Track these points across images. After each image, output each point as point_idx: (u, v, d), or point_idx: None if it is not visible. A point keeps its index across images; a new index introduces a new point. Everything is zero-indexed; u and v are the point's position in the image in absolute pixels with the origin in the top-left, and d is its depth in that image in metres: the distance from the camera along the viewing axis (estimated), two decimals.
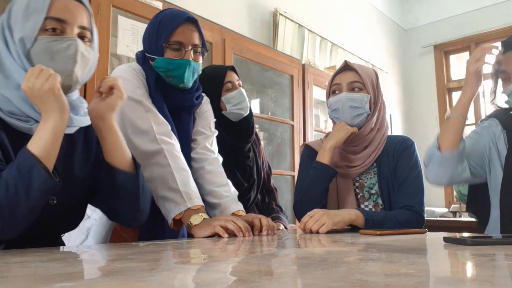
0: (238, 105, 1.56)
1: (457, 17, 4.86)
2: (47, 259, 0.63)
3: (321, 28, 3.87)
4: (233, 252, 0.76)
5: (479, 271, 0.51)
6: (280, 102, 3.16)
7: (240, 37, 2.75)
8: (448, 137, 1.30)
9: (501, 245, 0.78)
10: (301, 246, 0.91)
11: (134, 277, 0.46)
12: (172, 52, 1.23)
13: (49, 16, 0.86)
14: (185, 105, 1.31)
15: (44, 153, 0.78)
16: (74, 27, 0.88)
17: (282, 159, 3.11)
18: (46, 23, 0.85)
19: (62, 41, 0.86)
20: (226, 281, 0.43)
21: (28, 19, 0.85)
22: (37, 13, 0.85)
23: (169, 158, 1.14)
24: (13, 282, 0.44)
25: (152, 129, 1.16)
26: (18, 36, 0.85)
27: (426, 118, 4.99)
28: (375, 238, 1.01)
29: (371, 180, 1.46)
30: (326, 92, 1.55)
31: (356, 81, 1.44)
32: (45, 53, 0.85)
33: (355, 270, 0.49)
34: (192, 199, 1.13)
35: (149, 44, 1.26)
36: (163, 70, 1.25)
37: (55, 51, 0.85)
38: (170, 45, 1.23)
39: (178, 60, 1.23)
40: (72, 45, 0.87)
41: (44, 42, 0.85)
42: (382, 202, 1.43)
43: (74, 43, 0.87)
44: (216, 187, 1.30)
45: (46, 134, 0.79)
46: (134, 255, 0.68)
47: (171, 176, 1.13)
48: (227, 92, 1.57)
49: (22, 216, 0.77)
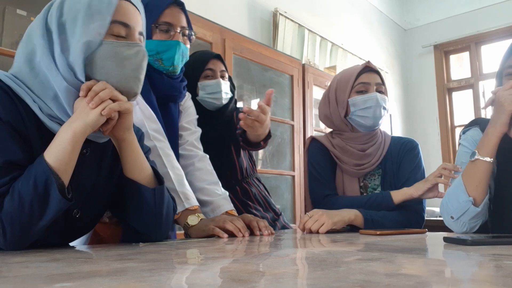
0: (212, 95, 1.51)
1: (457, 17, 4.86)
2: (47, 259, 0.63)
3: (321, 28, 3.87)
4: (232, 253, 0.76)
5: (479, 271, 0.51)
6: (280, 102, 3.16)
7: (240, 37, 2.75)
8: (481, 187, 1.13)
9: (501, 245, 0.78)
10: (301, 246, 0.91)
11: (134, 277, 0.46)
12: (161, 33, 1.20)
13: (117, 20, 0.82)
14: (173, 94, 1.28)
15: (60, 163, 0.74)
16: (135, 33, 0.86)
17: (282, 159, 3.11)
18: (113, 27, 0.81)
19: (130, 47, 0.82)
20: (225, 281, 0.43)
21: (93, 20, 0.79)
22: (102, 15, 0.80)
23: (163, 157, 1.11)
24: (13, 282, 0.44)
25: (144, 125, 1.11)
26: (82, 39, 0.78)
27: (426, 118, 4.99)
28: (375, 238, 1.01)
29: (375, 182, 1.46)
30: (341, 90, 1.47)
31: (381, 83, 1.45)
32: (113, 58, 0.81)
33: (355, 270, 0.49)
34: (189, 199, 1.11)
35: None
36: (152, 53, 1.20)
37: (124, 56, 0.81)
38: (159, 26, 1.19)
39: (168, 41, 1.20)
40: (141, 52, 0.84)
41: (113, 46, 0.81)
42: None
43: (142, 50, 0.85)
44: (207, 184, 1.28)
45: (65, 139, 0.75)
46: (134, 255, 0.68)
47: (167, 176, 1.09)
48: (205, 79, 1.51)
49: (33, 234, 0.74)
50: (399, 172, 1.43)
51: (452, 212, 1.18)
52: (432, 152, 4.77)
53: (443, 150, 4.80)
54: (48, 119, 0.79)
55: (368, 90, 1.42)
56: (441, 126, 4.86)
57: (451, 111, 4.94)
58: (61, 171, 0.74)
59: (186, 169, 1.29)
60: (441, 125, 4.87)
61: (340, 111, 1.46)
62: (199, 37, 2.37)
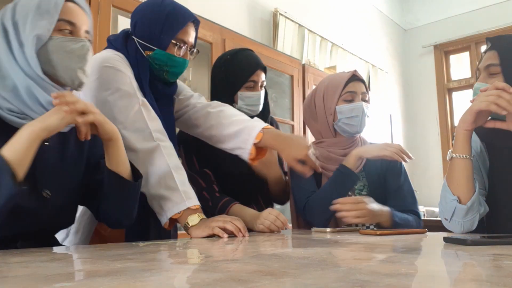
0: (250, 106, 1.51)
1: (457, 17, 4.86)
2: (47, 259, 0.63)
3: (321, 28, 3.87)
4: (232, 252, 0.76)
5: (479, 271, 0.51)
6: (280, 102, 3.16)
7: (240, 37, 2.75)
8: (463, 184, 1.14)
9: (501, 245, 0.78)
10: (301, 246, 0.91)
11: (134, 277, 0.46)
12: (174, 48, 1.21)
13: (63, 18, 0.93)
14: (167, 94, 1.31)
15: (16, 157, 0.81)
16: (81, 30, 0.97)
17: None
18: (60, 24, 0.92)
19: (76, 42, 0.94)
20: (225, 281, 0.43)
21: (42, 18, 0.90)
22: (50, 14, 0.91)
23: (166, 156, 1.11)
24: (13, 282, 0.44)
25: (147, 125, 1.12)
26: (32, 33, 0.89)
27: (426, 118, 4.99)
28: (375, 238, 1.01)
29: (360, 183, 1.47)
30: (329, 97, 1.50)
31: (366, 92, 1.51)
32: (60, 51, 0.92)
33: (355, 270, 0.49)
34: (191, 199, 1.10)
35: (149, 33, 1.20)
36: (159, 63, 1.21)
37: (70, 50, 0.93)
38: (177, 43, 1.21)
39: (179, 59, 1.22)
40: (85, 46, 0.96)
41: (60, 41, 0.92)
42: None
43: (86, 44, 0.96)
44: (234, 117, 1.30)
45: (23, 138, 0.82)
46: (134, 255, 0.68)
47: (169, 175, 1.09)
48: (246, 90, 1.51)
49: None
50: (389, 178, 1.48)
51: (444, 213, 1.20)
52: (432, 152, 4.77)
53: (443, 150, 4.80)
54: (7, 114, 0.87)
55: (354, 99, 1.48)
56: (441, 126, 4.87)
57: (451, 111, 4.94)
58: (16, 164, 0.80)
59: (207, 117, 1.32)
60: (441, 125, 4.87)
61: (328, 117, 1.51)
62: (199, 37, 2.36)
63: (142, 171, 1.08)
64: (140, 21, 1.22)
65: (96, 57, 1.18)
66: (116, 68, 1.14)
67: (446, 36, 4.89)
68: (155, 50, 1.20)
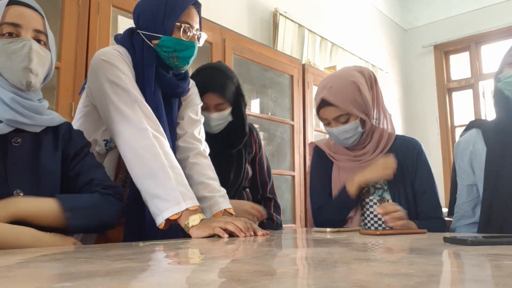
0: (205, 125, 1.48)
1: (457, 17, 4.86)
2: (47, 259, 0.63)
3: (321, 28, 3.87)
4: (232, 252, 0.76)
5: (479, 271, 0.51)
6: (280, 102, 3.16)
7: (240, 37, 2.75)
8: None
9: (501, 245, 0.78)
10: (301, 246, 0.91)
11: (134, 277, 0.46)
12: (180, 32, 1.20)
13: (4, 22, 0.93)
14: (177, 91, 1.29)
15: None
16: (28, 30, 0.95)
17: (282, 159, 3.11)
18: (2, 28, 0.93)
19: (17, 42, 0.93)
20: (225, 281, 0.43)
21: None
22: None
23: (163, 155, 1.09)
24: (13, 282, 0.44)
25: (143, 122, 1.10)
26: None
27: (426, 118, 4.99)
28: (375, 238, 1.01)
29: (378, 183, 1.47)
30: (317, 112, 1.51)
31: (340, 115, 1.42)
32: (2, 54, 0.92)
33: (355, 270, 0.49)
34: (190, 199, 1.08)
35: (153, 21, 1.20)
36: (168, 50, 1.20)
37: (11, 51, 0.92)
38: (182, 25, 1.20)
39: (187, 42, 1.22)
40: (26, 45, 0.93)
41: (1, 44, 0.92)
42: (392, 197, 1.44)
43: (28, 42, 0.94)
44: (207, 179, 1.26)
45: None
46: (134, 255, 0.68)
47: (166, 174, 1.07)
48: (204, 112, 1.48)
49: None
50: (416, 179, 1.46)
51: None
52: (432, 152, 4.77)
53: (443, 150, 4.80)
54: None
55: (329, 123, 1.46)
56: (441, 126, 4.87)
57: (451, 111, 4.94)
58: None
59: (183, 162, 1.26)
60: (441, 125, 4.87)
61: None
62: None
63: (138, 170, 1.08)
64: (142, 13, 1.23)
65: (96, 52, 1.19)
66: (110, 63, 1.14)
67: (446, 36, 4.89)
68: (161, 37, 1.19)
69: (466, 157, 1.37)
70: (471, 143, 1.37)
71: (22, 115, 0.94)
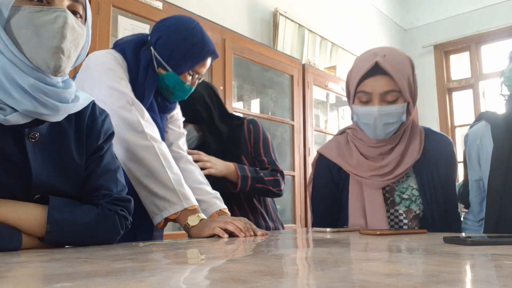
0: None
1: (457, 17, 4.86)
2: (47, 259, 0.63)
3: (321, 28, 3.87)
4: (232, 252, 0.76)
5: (479, 271, 0.51)
6: (280, 102, 3.16)
7: (240, 37, 2.75)
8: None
9: (501, 245, 0.78)
10: (301, 246, 0.91)
11: (134, 277, 0.46)
12: (187, 77, 1.24)
13: None
14: (167, 109, 1.33)
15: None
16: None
17: (282, 159, 3.11)
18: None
19: (48, 12, 0.71)
20: (225, 281, 0.43)
21: None
22: None
23: (161, 156, 1.10)
24: (13, 282, 0.44)
25: (140, 123, 1.11)
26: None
27: (426, 118, 4.99)
28: (375, 238, 1.01)
29: (402, 184, 1.32)
30: (347, 93, 1.31)
31: (391, 90, 1.18)
32: (27, 25, 0.71)
33: (355, 270, 0.49)
34: (189, 199, 1.10)
35: (170, 53, 1.19)
36: (168, 84, 1.23)
37: (40, 23, 0.71)
38: (193, 73, 1.24)
39: (188, 87, 1.26)
40: (61, 17, 0.72)
41: (27, 12, 0.70)
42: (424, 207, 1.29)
43: (63, 14, 0.73)
44: (198, 184, 1.29)
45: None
46: (134, 255, 0.68)
47: (165, 175, 1.09)
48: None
49: None
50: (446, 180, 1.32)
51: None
52: None
53: None
54: None
55: (370, 100, 1.20)
56: (441, 126, 4.86)
57: (451, 111, 4.94)
58: None
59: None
60: (441, 125, 4.87)
61: (351, 110, 1.30)
62: None
63: (137, 170, 1.08)
64: (165, 38, 1.21)
65: (90, 55, 1.17)
66: (108, 67, 1.14)
67: (446, 36, 4.88)
68: (169, 71, 1.21)
69: (473, 151, 1.34)
70: (478, 137, 1.33)
71: (44, 105, 0.74)
